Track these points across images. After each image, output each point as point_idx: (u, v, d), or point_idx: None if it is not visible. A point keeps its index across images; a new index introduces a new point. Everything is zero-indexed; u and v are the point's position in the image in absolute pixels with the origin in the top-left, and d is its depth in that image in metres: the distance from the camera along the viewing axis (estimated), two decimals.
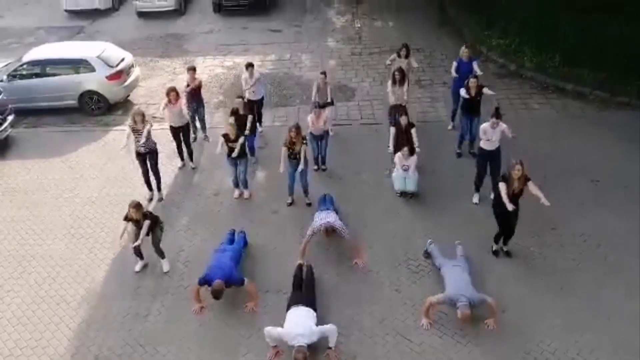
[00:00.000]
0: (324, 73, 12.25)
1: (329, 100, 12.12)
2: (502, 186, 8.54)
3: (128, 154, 10.67)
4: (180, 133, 11.55)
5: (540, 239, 9.49)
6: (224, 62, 16.86)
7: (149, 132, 10.25)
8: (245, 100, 11.62)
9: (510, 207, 8.38)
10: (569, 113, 13.47)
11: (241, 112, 11.34)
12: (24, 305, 8.61)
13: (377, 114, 13.61)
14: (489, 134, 9.81)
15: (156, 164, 10.66)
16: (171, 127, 11.49)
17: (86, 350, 7.84)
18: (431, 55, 16.66)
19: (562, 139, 12.23)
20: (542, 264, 9.03)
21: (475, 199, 10.41)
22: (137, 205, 8.67)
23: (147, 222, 8.69)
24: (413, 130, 10.77)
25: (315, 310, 7.79)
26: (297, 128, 10.03)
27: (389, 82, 11.89)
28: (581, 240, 9.47)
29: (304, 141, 10.11)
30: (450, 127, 12.68)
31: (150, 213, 9.03)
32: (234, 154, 10.26)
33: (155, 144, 10.57)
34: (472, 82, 11.02)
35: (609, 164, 11.29)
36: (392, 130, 10.93)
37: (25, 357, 7.77)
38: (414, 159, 10.32)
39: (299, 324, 7.40)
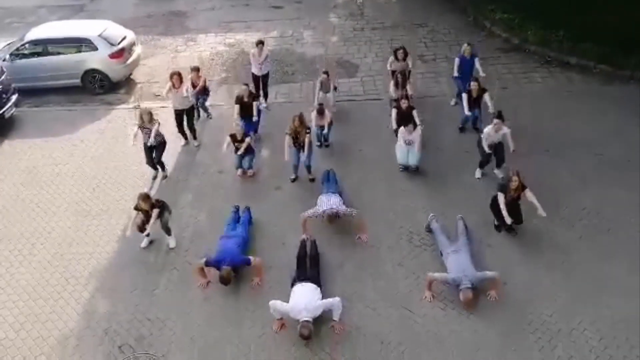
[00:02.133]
0: (326, 73, 12.27)
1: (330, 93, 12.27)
2: (500, 197, 8.75)
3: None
4: (184, 116, 11.62)
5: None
6: (225, 40, 16.79)
7: (157, 131, 10.37)
8: (251, 73, 11.68)
9: (509, 220, 8.66)
10: (572, 87, 13.42)
11: (245, 99, 11.42)
12: (34, 281, 8.77)
13: (379, 89, 13.58)
14: (492, 137, 9.91)
15: (161, 154, 10.73)
16: (175, 110, 11.54)
17: (95, 325, 8.00)
18: (434, 30, 16.53)
19: (565, 112, 12.21)
20: (544, 237, 9.10)
21: (478, 174, 10.46)
22: (146, 197, 8.89)
23: (155, 211, 8.90)
24: (414, 112, 10.82)
25: (320, 286, 7.91)
26: (301, 118, 10.07)
27: (391, 83, 11.90)
28: (584, 213, 9.53)
29: (308, 131, 10.14)
30: (453, 102, 12.66)
31: (158, 200, 9.15)
32: (239, 152, 10.47)
33: (163, 137, 10.69)
34: (473, 85, 11.06)
35: (612, 137, 11.28)
36: (394, 111, 11.01)
37: (37, 331, 7.94)
38: (417, 134, 10.31)
39: (304, 300, 7.54)
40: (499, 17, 16.40)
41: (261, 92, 12.83)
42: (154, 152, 10.65)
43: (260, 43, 12.53)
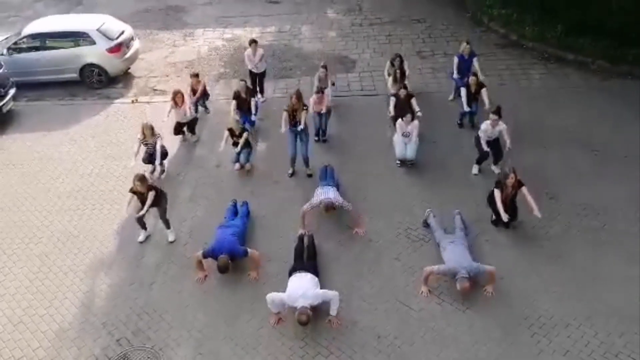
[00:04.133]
0: (325, 67, 12.23)
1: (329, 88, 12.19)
2: (496, 193, 8.77)
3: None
4: (186, 127, 11.66)
5: (539, 208, 9.57)
6: (223, 35, 16.77)
7: (161, 146, 10.42)
8: (248, 70, 11.67)
9: (505, 217, 8.70)
10: (570, 83, 13.44)
11: (243, 95, 11.42)
12: (32, 274, 8.79)
13: (377, 85, 13.59)
14: (489, 132, 9.98)
15: (162, 160, 10.71)
16: (177, 122, 11.55)
17: (94, 318, 8.02)
18: (432, 26, 16.53)
19: (563, 108, 12.24)
20: (540, 233, 9.14)
21: (475, 170, 10.49)
22: (142, 178, 8.87)
23: (151, 194, 8.88)
24: (413, 100, 10.85)
25: (317, 276, 7.94)
26: (298, 94, 10.10)
27: (390, 79, 12.00)
28: (580, 208, 9.56)
29: (305, 107, 10.16)
30: (451, 97, 12.69)
31: (155, 186, 9.15)
32: (237, 149, 10.56)
33: (166, 149, 10.74)
34: (472, 80, 11.18)
35: (610, 133, 11.32)
36: (392, 99, 11.02)
37: (35, 324, 7.96)
38: (415, 125, 10.33)
39: (302, 287, 7.55)
40: (497, 13, 16.40)
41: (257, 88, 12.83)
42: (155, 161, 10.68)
43: (254, 42, 12.37)
